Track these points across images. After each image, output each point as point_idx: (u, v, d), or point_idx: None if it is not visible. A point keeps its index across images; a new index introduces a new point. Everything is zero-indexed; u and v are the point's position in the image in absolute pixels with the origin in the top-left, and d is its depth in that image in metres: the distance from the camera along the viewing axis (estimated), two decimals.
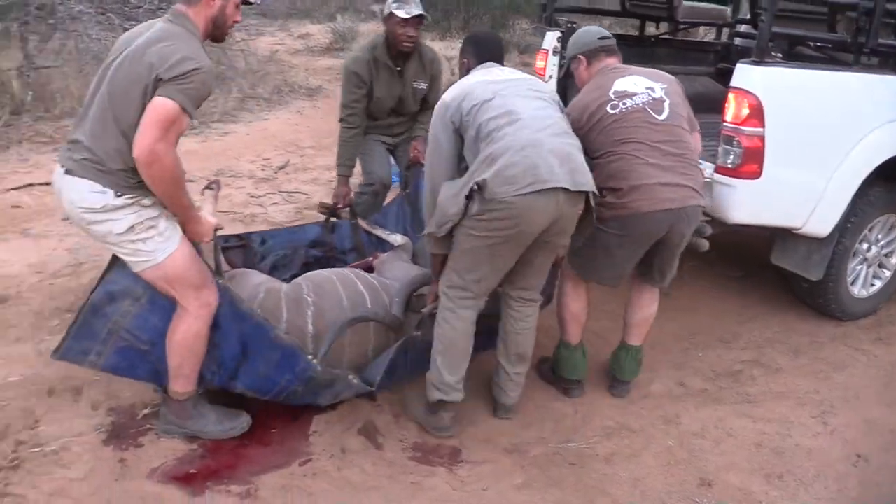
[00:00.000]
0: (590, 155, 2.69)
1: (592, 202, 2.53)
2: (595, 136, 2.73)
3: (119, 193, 2.27)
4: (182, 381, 2.57)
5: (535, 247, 2.59)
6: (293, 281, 3.01)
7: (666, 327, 3.70)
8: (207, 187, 2.91)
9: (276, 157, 6.52)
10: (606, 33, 2.97)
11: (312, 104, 9.05)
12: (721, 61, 4.98)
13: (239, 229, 4.36)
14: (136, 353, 2.57)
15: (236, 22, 2.45)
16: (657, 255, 2.86)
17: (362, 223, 3.80)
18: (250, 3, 2.53)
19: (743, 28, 5.11)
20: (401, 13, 3.58)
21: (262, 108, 8.58)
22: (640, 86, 2.77)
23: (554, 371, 3.15)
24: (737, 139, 3.18)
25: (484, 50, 2.85)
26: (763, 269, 4.12)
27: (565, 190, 2.41)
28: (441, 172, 2.63)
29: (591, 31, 3.00)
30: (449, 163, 2.63)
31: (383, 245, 3.71)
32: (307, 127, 7.79)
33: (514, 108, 2.51)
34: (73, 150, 2.31)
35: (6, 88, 6.96)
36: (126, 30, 7.57)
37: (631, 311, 3.11)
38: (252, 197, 5.34)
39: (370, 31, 16.50)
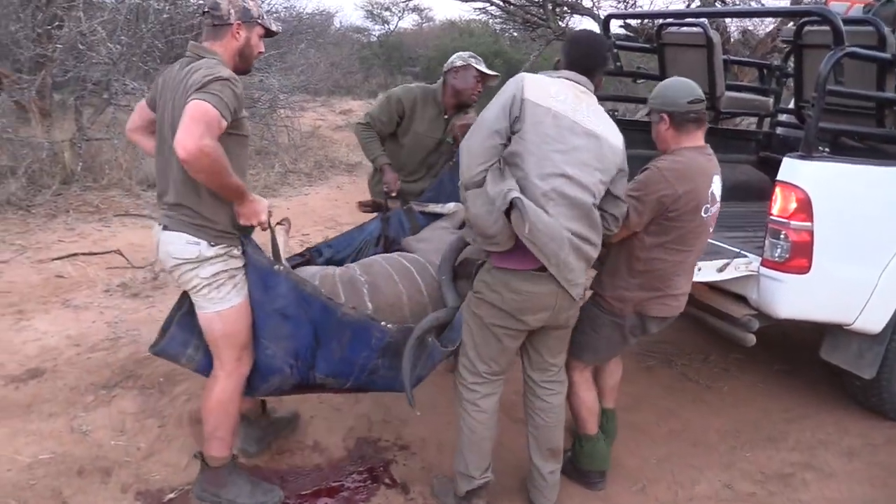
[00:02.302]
0: (640, 238, 2.63)
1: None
2: (666, 227, 2.60)
3: (213, 243, 2.40)
4: (217, 445, 2.62)
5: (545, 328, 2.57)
6: (343, 266, 2.98)
7: (710, 423, 3.57)
8: (279, 223, 3.05)
9: (314, 232, 6.58)
10: (698, 93, 2.65)
11: (351, 180, 9.20)
12: (763, 150, 4.95)
13: None
14: None
15: (261, 53, 2.54)
16: None
17: (414, 204, 3.69)
18: (274, 35, 2.59)
19: (784, 118, 5.10)
20: (481, 67, 3.64)
21: (302, 182, 8.75)
22: (718, 192, 2.68)
23: (575, 466, 3.03)
24: (784, 233, 3.12)
25: (575, 55, 2.50)
26: (812, 364, 3.97)
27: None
28: (476, 151, 2.35)
29: (680, 89, 2.66)
30: (486, 143, 2.34)
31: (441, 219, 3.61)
32: (346, 203, 7.89)
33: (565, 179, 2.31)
34: (165, 207, 2.45)
35: (59, 159, 7.20)
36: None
37: (604, 377, 3.11)
38: None
39: None
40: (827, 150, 3.20)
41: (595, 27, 10.14)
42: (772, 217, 3.14)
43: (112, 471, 2.85)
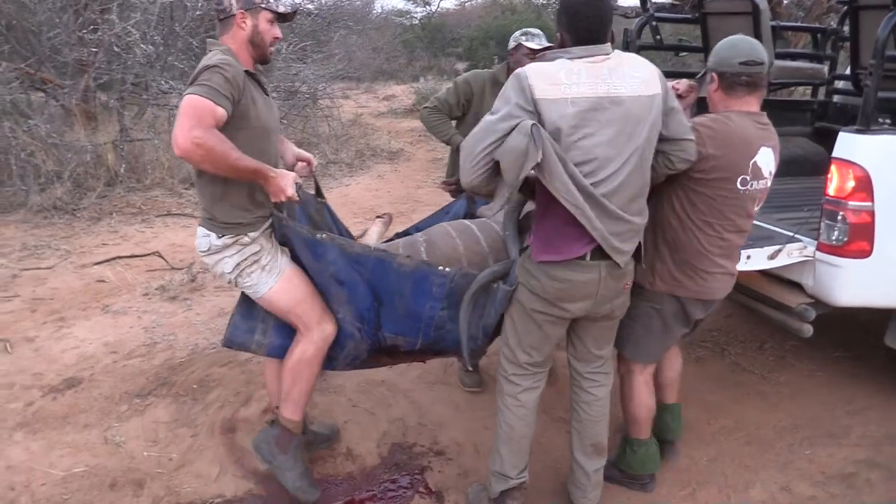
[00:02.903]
0: (670, 207, 2.47)
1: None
2: (691, 194, 2.42)
3: (220, 235, 2.43)
4: (290, 407, 2.67)
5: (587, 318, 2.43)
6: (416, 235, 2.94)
7: (766, 419, 3.35)
8: (379, 216, 3.11)
9: (354, 224, 6.48)
10: (756, 55, 2.38)
11: (393, 168, 9.11)
12: (818, 120, 4.63)
13: None
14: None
15: (276, 38, 2.47)
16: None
17: None
18: (287, 18, 2.50)
19: (841, 84, 4.76)
20: (531, 44, 3.52)
21: (343, 173, 8.69)
22: (768, 167, 2.44)
23: (623, 470, 2.86)
24: (842, 214, 2.87)
25: (580, 29, 2.16)
26: (876, 349, 3.70)
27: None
28: (485, 139, 2.16)
29: (735, 48, 2.42)
30: (499, 134, 2.14)
31: None
32: (387, 192, 7.80)
33: (598, 162, 2.12)
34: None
35: (102, 161, 7.29)
36: None
37: (667, 371, 2.93)
38: None
39: None
40: (888, 121, 2.92)
41: None
42: (828, 197, 2.90)
43: (144, 483, 2.81)
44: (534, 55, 3.50)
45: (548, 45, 3.51)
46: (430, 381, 3.50)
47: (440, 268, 2.51)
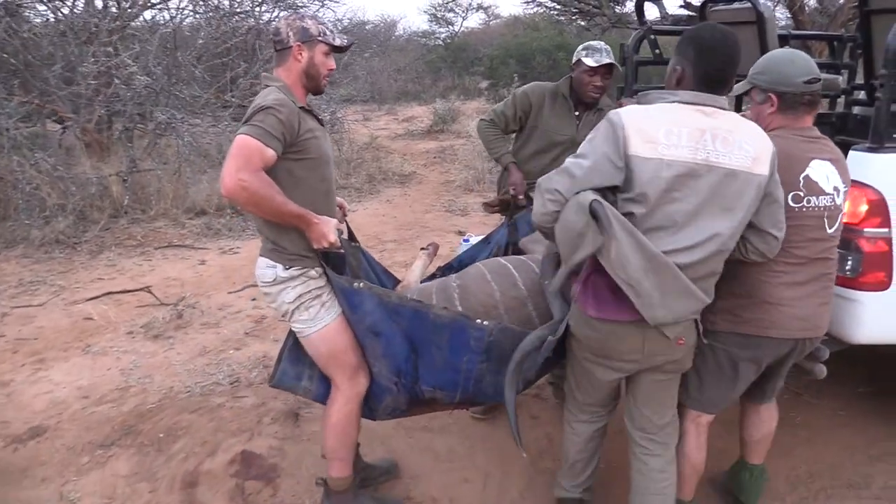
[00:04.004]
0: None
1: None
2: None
3: (287, 266, 2.38)
4: (338, 466, 2.62)
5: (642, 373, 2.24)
6: (449, 277, 2.77)
7: (778, 467, 3.02)
8: (423, 248, 3.03)
9: None
10: (816, 71, 2.22)
11: (403, 192, 8.92)
12: (838, 133, 4.30)
13: None
14: None
15: (331, 70, 2.47)
16: (770, 376, 2.49)
17: None
18: (342, 50, 2.50)
19: (862, 95, 4.43)
20: (589, 61, 3.37)
21: (352, 198, 8.51)
22: (830, 181, 2.23)
23: None
24: (855, 242, 2.57)
25: (706, 68, 1.99)
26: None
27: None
28: (563, 184, 2.00)
29: (796, 64, 2.22)
30: (580, 186, 1.98)
31: None
32: (393, 218, 7.60)
33: (677, 228, 1.95)
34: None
35: (108, 193, 7.22)
36: (213, 126, 7.87)
37: (751, 428, 2.67)
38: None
39: (475, 109, 16.63)
40: None
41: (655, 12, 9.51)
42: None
43: None
44: (593, 73, 3.37)
45: (609, 62, 3.36)
46: (409, 427, 3.24)
47: (478, 321, 2.34)
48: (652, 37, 3.73)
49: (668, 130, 1.91)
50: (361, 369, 2.55)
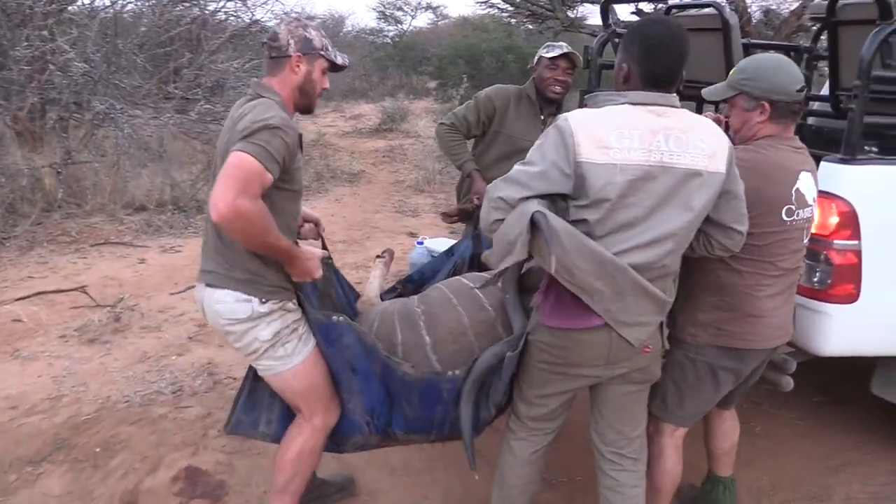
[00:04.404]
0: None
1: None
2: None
3: (265, 299, 2.14)
4: (289, 499, 2.39)
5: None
6: (402, 299, 2.65)
7: (739, 477, 2.95)
8: (379, 256, 2.93)
9: None
10: (802, 79, 2.18)
11: (352, 191, 8.72)
12: None
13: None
14: None
15: (324, 89, 2.29)
16: (741, 384, 2.43)
17: None
18: (339, 69, 2.31)
19: (817, 106, 4.48)
20: (547, 53, 3.31)
21: None
22: (811, 192, 2.20)
23: None
24: (824, 254, 2.55)
25: (653, 66, 1.90)
26: (855, 393, 3.38)
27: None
28: (510, 193, 1.90)
29: (789, 73, 2.15)
30: (528, 193, 1.89)
31: None
32: (342, 217, 7.41)
33: (634, 231, 1.89)
34: (207, 261, 2.20)
35: (40, 185, 6.82)
36: (155, 119, 7.53)
37: (719, 438, 2.63)
38: None
39: (423, 108, 16.51)
40: (874, 149, 2.61)
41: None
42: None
43: None
44: (553, 66, 3.30)
45: (566, 51, 3.30)
46: None
47: (449, 374, 2.24)
48: (616, 40, 3.66)
49: (619, 134, 1.84)
50: (333, 402, 2.36)
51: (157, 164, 7.66)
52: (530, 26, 18.93)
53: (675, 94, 1.96)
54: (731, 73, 2.25)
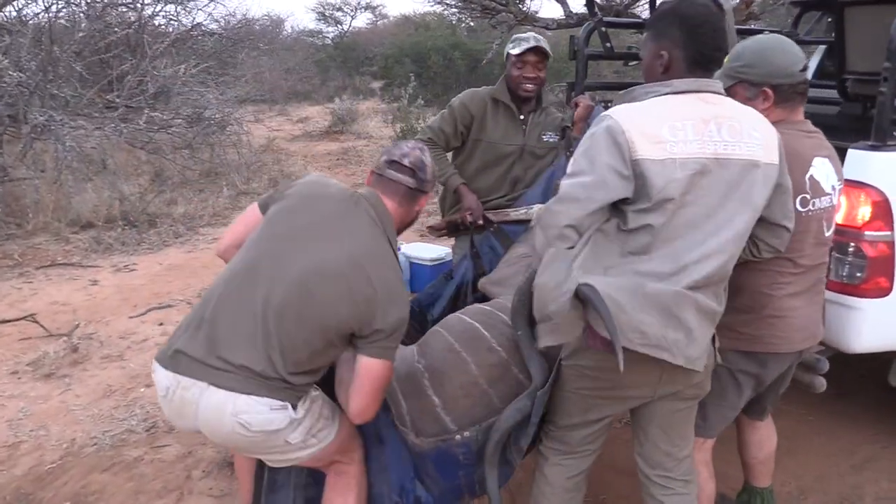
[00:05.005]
0: None
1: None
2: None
3: (297, 404, 1.85)
4: None
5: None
6: (407, 349, 2.34)
7: None
8: None
9: None
10: (803, 56, 2.06)
11: None
12: None
13: None
14: None
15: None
16: (768, 390, 2.31)
17: (490, 215, 3.10)
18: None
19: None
20: (513, 49, 3.08)
21: None
22: (829, 180, 2.06)
23: None
24: (855, 246, 2.41)
25: (699, 46, 1.76)
26: (862, 383, 3.29)
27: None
28: (572, 214, 1.71)
29: (788, 51, 2.02)
30: (591, 207, 1.70)
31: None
32: None
33: (690, 239, 1.71)
34: (227, 363, 1.78)
35: None
36: (98, 129, 7.08)
37: (753, 448, 2.49)
38: None
39: (370, 109, 16.21)
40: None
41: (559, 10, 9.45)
42: (837, 226, 2.43)
43: None
44: (521, 63, 3.08)
45: (533, 45, 3.06)
46: None
47: (458, 437, 2.05)
48: (603, 29, 3.49)
49: (672, 126, 1.68)
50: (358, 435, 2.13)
51: (102, 178, 7.21)
52: (471, 23, 18.84)
53: (719, 81, 1.82)
54: (725, 60, 2.08)
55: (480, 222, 3.08)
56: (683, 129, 1.68)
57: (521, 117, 3.21)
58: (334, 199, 1.94)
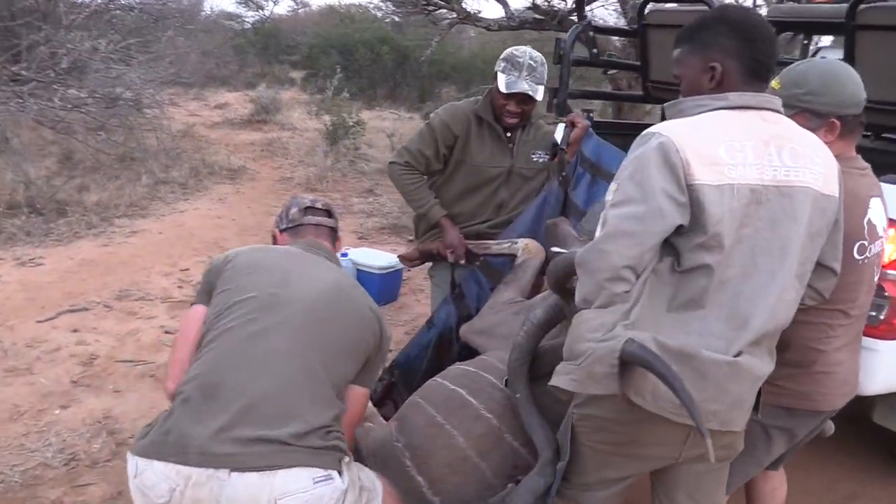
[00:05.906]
0: None
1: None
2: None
3: (341, 469, 1.65)
4: None
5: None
6: (383, 427, 2.14)
7: None
8: None
9: (195, 265, 5.27)
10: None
11: (235, 189, 7.88)
12: None
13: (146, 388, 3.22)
14: None
15: None
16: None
17: (471, 246, 2.85)
18: None
19: None
20: (502, 83, 2.75)
21: (177, 195, 7.34)
22: (881, 222, 1.89)
23: None
24: (879, 287, 2.27)
25: (761, 52, 1.58)
26: (844, 419, 3.18)
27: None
28: (627, 253, 1.45)
29: (856, 80, 1.84)
30: (648, 243, 1.46)
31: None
32: (231, 220, 6.62)
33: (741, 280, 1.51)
34: (265, 424, 1.58)
35: None
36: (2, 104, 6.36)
37: (765, 499, 2.34)
38: (167, 333, 4.05)
39: (290, 99, 15.62)
40: None
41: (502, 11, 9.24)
42: None
43: None
44: (506, 98, 2.79)
45: (523, 91, 2.74)
46: None
47: None
48: (591, 34, 3.27)
49: (729, 146, 1.48)
50: None
51: (5, 158, 6.47)
52: (397, 19, 18.49)
53: (778, 97, 1.62)
54: (778, 86, 1.88)
55: (462, 262, 2.84)
56: (742, 150, 1.48)
57: (508, 135, 2.94)
58: (283, 252, 1.96)
